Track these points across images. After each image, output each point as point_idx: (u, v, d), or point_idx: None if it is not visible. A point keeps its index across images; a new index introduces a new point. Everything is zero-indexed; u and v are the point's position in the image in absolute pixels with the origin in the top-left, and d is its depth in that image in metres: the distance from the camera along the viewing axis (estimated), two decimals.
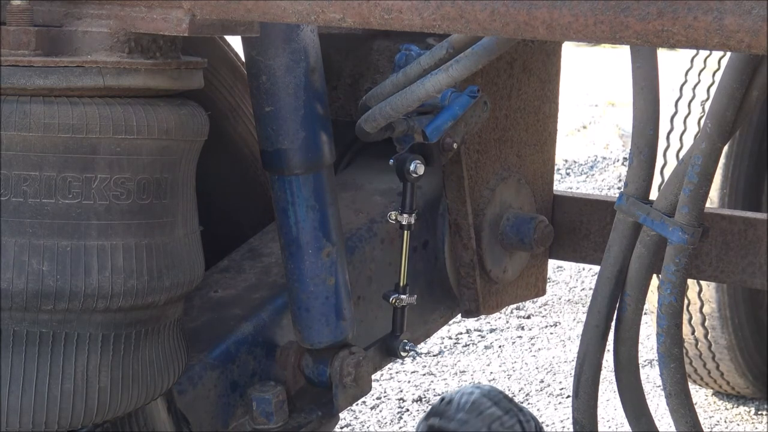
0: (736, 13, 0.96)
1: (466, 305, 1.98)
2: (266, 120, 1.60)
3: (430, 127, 1.69)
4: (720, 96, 1.35)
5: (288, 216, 1.64)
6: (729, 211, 2.16)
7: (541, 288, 2.14)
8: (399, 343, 1.77)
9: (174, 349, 1.40)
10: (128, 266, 1.30)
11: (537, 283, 2.13)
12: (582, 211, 2.18)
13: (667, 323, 1.45)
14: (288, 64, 1.58)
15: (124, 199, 1.29)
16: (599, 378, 1.57)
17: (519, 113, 2.08)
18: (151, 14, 1.27)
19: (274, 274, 1.81)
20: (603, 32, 1.02)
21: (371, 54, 1.99)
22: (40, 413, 1.28)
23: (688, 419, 1.49)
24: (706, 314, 4.06)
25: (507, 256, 2.02)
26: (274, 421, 1.68)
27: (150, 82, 1.30)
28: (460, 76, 1.52)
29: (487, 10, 1.07)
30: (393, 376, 4.49)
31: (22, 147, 1.25)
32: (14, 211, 1.26)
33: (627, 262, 1.49)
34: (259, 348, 1.72)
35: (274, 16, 1.21)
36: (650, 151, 1.46)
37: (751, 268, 2.00)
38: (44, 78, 1.25)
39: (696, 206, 1.40)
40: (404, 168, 1.68)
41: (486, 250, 1.98)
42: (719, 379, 4.26)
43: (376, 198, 1.90)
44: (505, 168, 2.06)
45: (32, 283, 1.26)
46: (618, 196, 1.49)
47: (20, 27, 1.25)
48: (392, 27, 1.13)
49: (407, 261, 1.73)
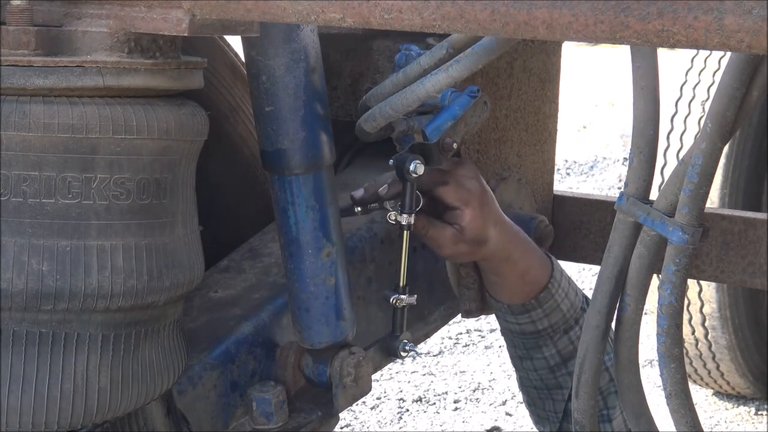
0: (736, 13, 0.96)
1: (466, 305, 1.98)
2: (266, 120, 1.60)
3: (430, 127, 1.69)
4: (720, 96, 1.34)
5: (288, 216, 1.64)
6: (729, 211, 2.16)
7: None
8: (399, 343, 1.77)
9: (174, 349, 1.40)
10: (128, 266, 1.30)
11: None
12: (582, 211, 2.18)
13: (667, 323, 1.45)
14: (288, 64, 1.58)
15: (124, 199, 1.29)
16: (599, 378, 1.57)
17: (519, 113, 2.08)
18: (151, 14, 1.27)
19: (274, 274, 1.81)
20: (603, 32, 1.02)
21: (371, 54, 1.99)
22: (40, 413, 1.28)
23: (688, 419, 1.49)
24: (706, 314, 4.07)
25: None
26: (274, 421, 1.68)
27: (150, 82, 1.30)
28: (460, 76, 1.52)
29: (487, 10, 1.07)
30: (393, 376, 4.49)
31: (22, 147, 1.25)
32: (14, 211, 1.26)
33: (627, 262, 1.49)
34: (259, 348, 1.72)
35: (274, 16, 1.21)
36: (650, 151, 1.46)
37: (751, 268, 2.00)
38: (44, 78, 1.25)
39: (696, 206, 1.40)
40: (404, 168, 1.68)
41: None
42: (719, 380, 4.27)
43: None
44: (505, 168, 2.06)
45: (32, 283, 1.26)
46: (618, 196, 1.49)
47: (20, 27, 1.25)
48: (392, 27, 1.13)
49: (407, 261, 1.73)
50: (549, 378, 1.94)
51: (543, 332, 1.90)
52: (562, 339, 1.90)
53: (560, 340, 1.91)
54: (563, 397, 1.94)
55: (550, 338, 1.91)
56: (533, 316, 1.89)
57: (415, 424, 4.17)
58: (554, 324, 1.89)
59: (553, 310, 1.88)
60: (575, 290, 1.92)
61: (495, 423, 4.15)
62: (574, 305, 1.90)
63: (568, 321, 1.90)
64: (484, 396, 4.40)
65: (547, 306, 1.87)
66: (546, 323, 1.89)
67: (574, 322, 1.90)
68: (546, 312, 1.88)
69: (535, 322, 1.89)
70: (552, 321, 1.89)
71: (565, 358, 1.92)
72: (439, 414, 4.25)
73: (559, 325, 1.89)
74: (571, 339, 1.91)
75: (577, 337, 1.89)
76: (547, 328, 1.90)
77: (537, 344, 1.93)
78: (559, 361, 1.92)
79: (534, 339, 1.92)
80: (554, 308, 1.88)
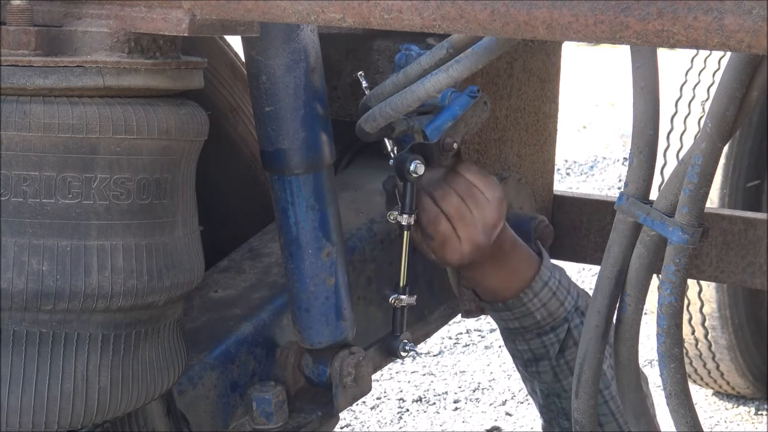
0: (736, 13, 0.96)
1: (466, 305, 1.98)
2: (266, 120, 1.60)
3: (430, 127, 1.69)
4: (720, 96, 1.34)
5: (288, 216, 1.64)
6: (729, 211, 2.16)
7: None
8: (399, 343, 1.77)
9: (174, 350, 1.40)
10: (128, 266, 1.30)
11: None
12: (582, 211, 2.18)
13: (667, 323, 1.45)
14: (288, 64, 1.58)
15: (124, 199, 1.29)
16: (599, 378, 1.57)
17: (519, 113, 2.08)
18: (151, 14, 1.27)
19: (274, 274, 1.81)
20: (603, 32, 1.02)
21: (371, 54, 1.99)
22: (40, 413, 1.28)
23: (688, 419, 1.49)
24: (706, 314, 4.07)
25: None
26: (274, 421, 1.68)
27: (150, 82, 1.30)
28: (460, 76, 1.52)
29: (487, 10, 1.07)
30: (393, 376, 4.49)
31: (22, 147, 1.25)
32: (14, 211, 1.26)
33: (627, 262, 1.49)
34: (259, 348, 1.72)
35: (274, 16, 1.21)
36: (650, 151, 1.46)
37: (751, 268, 2.00)
38: (44, 78, 1.25)
39: (696, 206, 1.40)
40: (404, 168, 1.68)
41: None
42: (719, 379, 4.27)
43: (376, 198, 1.90)
44: (505, 168, 2.06)
45: (32, 283, 1.26)
46: (618, 196, 1.49)
47: (20, 27, 1.25)
48: (392, 27, 1.13)
49: (407, 261, 1.73)
50: (528, 366, 1.94)
51: (513, 330, 1.90)
52: (535, 341, 1.90)
53: (533, 341, 1.90)
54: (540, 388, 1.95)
55: (522, 336, 1.90)
56: (503, 316, 1.89)
57: (415, 424, 4.17)
58: (526, 326, 1.88)
59: (524, 316, 1.87)
60: (563, 298, 1.88)
61: (495, 423, 4.16)
62: (553, 314, 1.87)
63: (543, 327, 1.88)
64: (484, 396, 4.40)
65: (517, 311, 1.86)
66: (517, 324, 1.89)
67: (549, 329, 1.88)
68: (516, 316, 1.87)
69: (506, 321, 1.90)
70: (524, 324, 1.88)
71: (537, 358, 1.91)
72: (439, 414, 4.25)
73: (532, 329, 1.89)
74: (545, 343, 1.89)
75: (551, 342, 1.88)
76: (518, 328, 1.89)
77: (509, 336, 1.93)
78: (531, 357, 1.92)
79: (505, 332, 1.93)
80: (526, 314, 1.87)
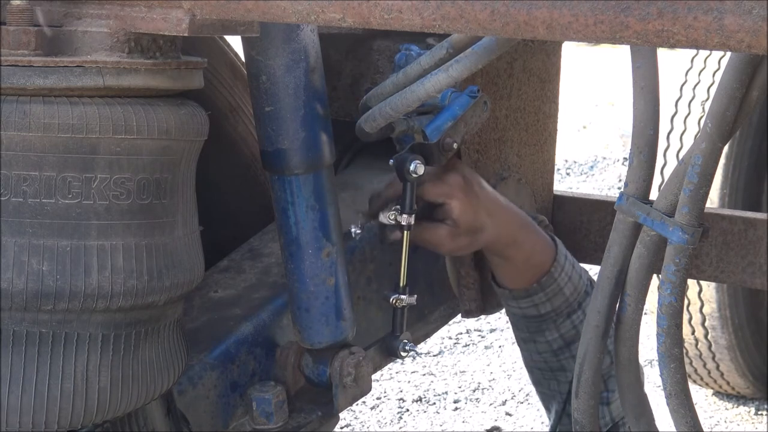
0: (736, 13, 0.96)
1: (466, 305, 1.98)
2: (266, 120, 1.60)
3: (430, 127, 1.69)
4: (720, 96, 1.35)
5: (288, 216, 1.64)
6: (729, 211, 2.16)
7: None
8: (399, 343, 1.77)
9: (174, 350, 1.41)
10: (128, 266, 1.30)
11: None
12: (582, 211, 2.18)
13: (667, 323, 1.45)
14: (288, 64, 1.58)
15: (124, 199, 1.29)
16: (599, 378, 1.57)
17: (519, 113, 2.08)
18: (151, 14, 1.27)
19: (274, 274, 1.81)
20: (603, 32, 1.02)
21: (371, 54, 1.99)
22: (40, 413, 1.28)
23: (688, 419, 1.49)
24: (706, 314, 4.07)
25: None
26: (274, 421, 1.68)
27: (150, 82, 1.30)
28: (460, 76, 1.52)
29: (487, 10, 1.07)
30: (393, 376, 4.49)
31: (22, 147, 1.25)
32: (14, 211, 1.26)
33: (627, 262, 1.49)
34: (259, 348, 1.73)
35: (274, 16, 1.21)
36: (650, 151, 1.46)
37: (751, 268, 2.00)
38: (44, 78, 1.25)
39: (696, 206, 1.40)
40: (404, 168, 1.68)
41: None
42: (719, 379, 4.27)
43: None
44: (505, 168, 2.06)
45: (32, 283, 1.26)
46: (618, 196, 1.49)
47: (20, 27, 1.25)
48: (392, 27, 1.13)
49: (407, 261, 1.73)
50: (552, 361, 1.95)
51: (546, 316, 1.91)
52: (565, 323, 1.91)
53: (563, 324, 1.91)
54: (567, 379, 1.94)
55: (553, 322, 1.91)
56: (535, 300, 1.89)
57: (415, 424, 4.17)
58: (557, 308, 1.89)
59: (555, 294, 1.88)
60: (579, 273, 1.92)
61: (495, 423, 4.15)
62: (577, 289, 1.90)
63: (571, 305, 1.90)
64: (484, 396, 4.40)
65: (549, 290, 1.88)
66: (549, 307, 1.89)
67: (577, 306, 1.90)
68: (549, 296, 1.88)
69: (538, 305, 1.90)
70: (555, 305, 1.89)
71: (568, 342, 1.92)
72: (439, 414, 4.25)
73: (562, 309, 1.90)
74: (574, 323, 1.91)
75: (580, 321, 1.89)
76: (549, 312, 1.90)
77: (540, 328, 1.93)
78: (562, 344, 1.92)
79: (537, 323, 1.93)
80: (557, 292, 1.88)
